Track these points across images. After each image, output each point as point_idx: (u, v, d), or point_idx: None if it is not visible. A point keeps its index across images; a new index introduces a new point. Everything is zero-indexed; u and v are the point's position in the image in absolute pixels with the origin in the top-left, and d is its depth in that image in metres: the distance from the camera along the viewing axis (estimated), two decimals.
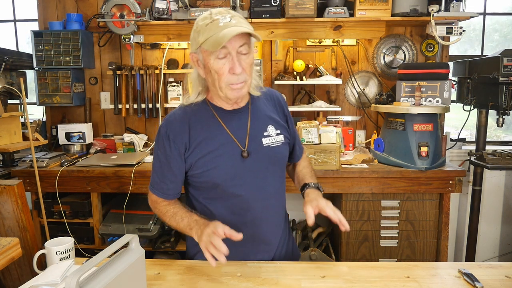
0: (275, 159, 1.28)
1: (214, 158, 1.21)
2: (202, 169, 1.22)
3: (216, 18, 1.11)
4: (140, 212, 2.55)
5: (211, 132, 1.22)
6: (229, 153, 1.22)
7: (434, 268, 1.24)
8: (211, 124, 1.23)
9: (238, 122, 1.25)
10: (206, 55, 1.14)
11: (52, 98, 2.82)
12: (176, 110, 1.27)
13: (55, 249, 1.19)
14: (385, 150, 2.49)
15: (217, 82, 1.15)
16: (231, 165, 1.22)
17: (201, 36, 1.12)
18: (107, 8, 2.61)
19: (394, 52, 2.85)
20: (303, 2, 2.45)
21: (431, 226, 2.40)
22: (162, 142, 1.23)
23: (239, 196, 1.24)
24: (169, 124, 1.23)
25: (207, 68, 1.16)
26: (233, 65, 1.12)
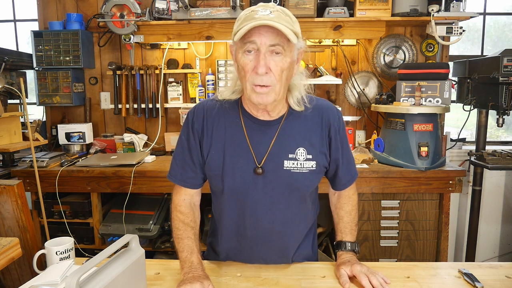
0: (294, 186, 1.14)
1: (226, 165, 1.14)
2: (212, 171, 1.16)
3: (256, 9, 1.02)
4: (140, 212, 2.56)
5: (231, 137, 1.14)
6: (243, 166, 1.13)
7: (434, 268, 1.24)
8: (234, 129, 1.14)
9: (263, 136, 1.13)
10: (237, 48, 1.06)
11: (52, 98, 2.82)
12: (208, 100, 1.20)
13: (55, 249, 1.18)
14: (385, 150, 2.49)
15: (244, 81, 1.05)
16: (241, 178, 1.13)
17: (236, 26, 1.04)
18: (107, 8, 2.61)
19: (394, 52, 2.85)
20: (303, 2, 2.45)
21: (431, 226, 2.40)
22: (187, 128, 1.18)
23: (243, 212, 1.16)
24: (196, 112, 1.18)
25: (236, 64, 1.07)
26: (257, 63, 1.00)
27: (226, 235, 1.23)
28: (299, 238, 1.26)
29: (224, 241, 1.25)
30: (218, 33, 2.63)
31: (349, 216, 1.27)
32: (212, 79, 2.87)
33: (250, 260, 1.25)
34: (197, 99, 2.89)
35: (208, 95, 2.89)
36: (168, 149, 2.94)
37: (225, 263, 1.27)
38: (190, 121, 1.18)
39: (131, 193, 2.44)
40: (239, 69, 1.07)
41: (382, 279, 1.09)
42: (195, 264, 1.10)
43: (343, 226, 1.25)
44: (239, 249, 1.24)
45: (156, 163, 2.59)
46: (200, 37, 2.65)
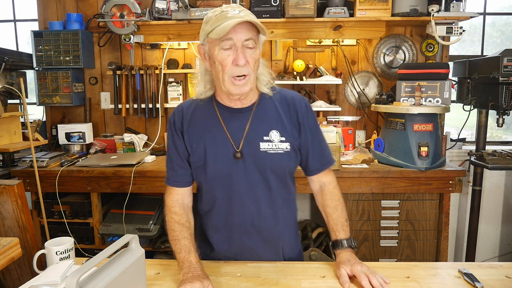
0: (272, 167, 1.21)
1: (207, 154, 1.21)
2: (196, 163, 1.24)
3: (225, 10, 1.12)
4: (140, 212, 2.56)
5: (209, 128, 1.23)
6: (222, 152, 1.20)
7: (434, 268, 1.24)
8: (210, 121, 1.23)
9: (238, 122, 1.22)
10: (212, 46, 1.13)
11: (52, 98, 2.82)
12: (185, 101, 1.31)
13: (55, 249, 1.18)
14: (385, 150, 2.49)
15: (221, 74, 1.13)
16: (222, 164, 1.20)
17: (208, 26, 1.12)
18: (107, 8, 2.61)
19: (394, 52, 2.85)
20: (303, 2, 2.45)
21: (431, 226, 2.40)
22: (170, 129, 1.27)
23: (229, 198, 1.22)
24: (176, 112, 1.28)
25: (212, 60, 1.15)
26: (237, 56, 1.10)
27: (214, 229, 1.28)
28: (285, 224, 1.30)
29: (213, 235, 1.29)
30: None
31: (336, 211, 1.29)
32: None
33: (241, 252, 1.28)
34: None
35: None
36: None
37: (225, 263, 1.27)
38: (171, 122, 1.28)
39: (131, 193, 2.44)
40: (215, 64, 1.14)
41: (382, 279, 1.10)
42: (194, 263, 1.11)
43: (334, 223, 1.27)
44: (228, 242, 1.28)
45: (156, 163, 2.59)
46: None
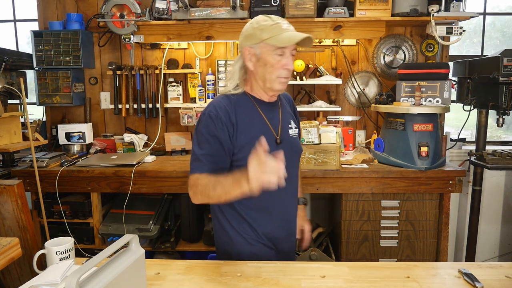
0: (297, 148, 1.47)
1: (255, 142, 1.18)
2: (244, 152, 1.28)
3: (278, 21, 1.29)
4: (140, 212, 2.56)
5: (252, 120, 1.35)
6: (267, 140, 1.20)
7: (434, 268, 1.24)
8: (252, 113, 1.36)
9: (273, 113, 1.41)
10: (266, 50, 1.29)
11: (52, 98, 2.82)
12: (218, 98, 1.36)
13: (55, 249, 1.19)
14: (385, 150, 2.49)
15: (269, 75, 1.31)
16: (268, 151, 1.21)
17: (265, 34, 1.27)
18: (107, 8, 2.61)
19: (394, 52, 2.85)
20: (303, 2, 2.45)
21: (431, 226, 2.40)
22: (212, 123, 1.29)
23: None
24: (217, 107, 1.31)
25: (262, 61, 1.30)
26: (288, 62, 1.30)
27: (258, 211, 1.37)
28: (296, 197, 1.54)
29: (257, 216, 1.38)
30: (218, 33, 2.63)
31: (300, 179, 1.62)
32: (212, 79, 2.87)
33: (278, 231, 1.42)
34: (197, 99, 2.89)
35: (208, 95, 2.89)
36: (168, 149, 2.95)
37: (225, 263, 1.27)
38: (216, 117, 1.29)
39: (131, 193, 2.45)
40: (264, 66, 1.30)
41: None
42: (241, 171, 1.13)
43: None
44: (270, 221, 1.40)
45: (156, 163, 2.59)
46: (200, 37, 2.65)
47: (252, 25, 1.31)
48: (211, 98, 2.89)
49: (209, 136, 1.29)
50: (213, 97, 2.89)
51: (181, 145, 2.95)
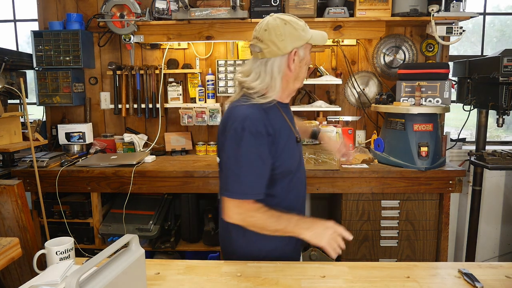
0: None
1: (288, 146, 1.32)
2: (282, 158, 1.30)
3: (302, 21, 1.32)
4: (140, 212, 2.56)
5: (280, 123, 1.32)
6: (292, 140, 1.36)
7: (434, 268, 1.24)
8: (280, 119, 1.34)
9: (289, 114, 1.42)
10: (307, 50, 1.33)
11: (52, 98, 2.82)
12: (248, 109, 1.26)
13: (55, 249, 1.19)
14: (385, 150, 2.49)
15: (303, 73, 1.35)
16: (295, 151, 1.37)
17: (307, 34, 1.30)
18: (107, 8, 2.61)
19: (394, 52, 2.85)
20: (303, 2, 2.45)
21: (431, 226, 2.40)
22: (255, 141, 1.22)
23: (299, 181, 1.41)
24: (258, 122, 1.23)
25: (304, 61, 1.33)
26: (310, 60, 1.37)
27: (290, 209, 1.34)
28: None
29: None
30: (218, 33, 2.63)
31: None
32: (212, 79, 2.87)
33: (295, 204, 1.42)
34: (197, 99, 2.89)
35: (208, 95, 2.89)
36: (168, 149, 2.95)
37: (225, 263, 1.27)
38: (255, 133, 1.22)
39: (131, 193, 2.45)
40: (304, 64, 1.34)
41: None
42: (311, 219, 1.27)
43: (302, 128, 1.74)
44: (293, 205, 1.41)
45: (156, 163, 2.59)
46: (200, 37, 2.65)
47: (294, 28, 1.27)
48: (211, 98, 2.89)
49: (250, 152, 1.22)
50: (212, 97, 2.89)
51: (181, 145, 2.95)
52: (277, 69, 1.28)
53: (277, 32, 1.26)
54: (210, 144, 2.90)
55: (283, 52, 1.27)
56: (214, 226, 2.58)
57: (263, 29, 1.28)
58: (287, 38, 1.26)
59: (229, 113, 1.28)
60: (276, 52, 1.26)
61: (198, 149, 2.90)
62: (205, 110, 2.87)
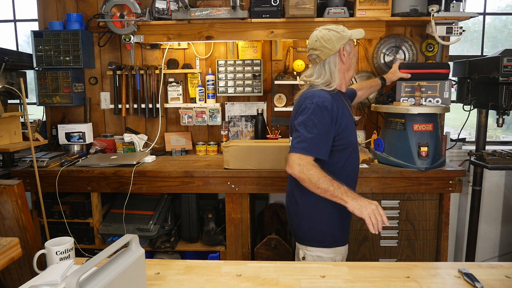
0: None
1: (348, 125, 1.63)
2: (344, 133, 1.60)
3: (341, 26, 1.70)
4: (140, 212, 2.56)
5: (342, 107, 1.64)
6: (352, 121, 1.69)
7: (434, 268, 1.24)
8: (341, 102, 1.65)
9: (347, 100, 1.78)
10: (351, 44, 1.70)
11: (52, 98, 2.82)
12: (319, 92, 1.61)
13: (55, 249, 1.19)
14: (385, 150, 2.49)
15: (355, 63, 1.73)
16: (354, 130, 1.70)
17: (346, 32, 1.66)
18: (107, 8, 2.61)
19: (394, 52, 2.85)
20: (303, 2, 2.45)
21: (431, 226, 2.40)
22: (321, 112, 1.54)
23: (356, 156, 1.70)
24: (323, 98, 1.57)
25: (352, 53, 1.70)
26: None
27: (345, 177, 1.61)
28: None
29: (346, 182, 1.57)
30: (218, 33, 2.63)
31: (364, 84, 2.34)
32: (212, 79, 2.87)
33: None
34: (197, 99, 2.90)
35: (208, 95, 2.89)
36: (168, 149, 2.95)
37: (225, 263, 1.27)
38: (329, 109, 1.55)
39: (131, 193, 2.45)
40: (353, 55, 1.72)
41: None
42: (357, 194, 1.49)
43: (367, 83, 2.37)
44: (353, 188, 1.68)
45: (156, 163, 2.59)
46: (200, 37, 2.65)
47: (337, 32, 1.64)
48: (211, 98, 2.89)
49: (318, 122, 1.52)
50: (212, 97, 2.89)
51: (181, 145, 2.95)
52: (333, 64, 1.65)
53: (325, 38, 1.62)
54: (210, 144, 2.90)
55: (334, 51, 1.63)
56: (214, 226, 2.58)
57: (314, 40, 1.65)
58: (333, 40, 1.63)
59: (302, 97, 1.63)
60: (329, 52, 1.63)
61: (198, 149, 2.90)
62: (205, 110, 2.87)
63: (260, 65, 2.80)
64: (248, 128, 2.96)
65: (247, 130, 2.97)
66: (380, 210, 1.43)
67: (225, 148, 2.37)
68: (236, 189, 2.38)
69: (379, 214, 1.42)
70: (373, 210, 1.42)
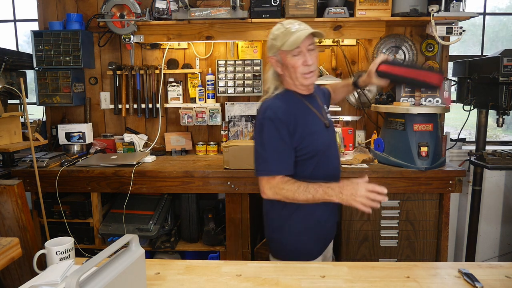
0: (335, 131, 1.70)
1: (312, 132, 1.50)
2: (306, 142, 1.47)
3: (288, 26, 1.46)
4: (140, 212, 2.56)
5: (304, 112, 1.52)
6: (319, 126, 1.54)
7: (434, 268, 1.24)
8: (301, 106, 1.53)
9: (315, 103, 1.59)
10: (284, 55, 1.47)
11: (52, 98, 2.82)
12: (271, 100, 1.51)
13: (55, 249, 1.19)
14: (385, 150, 2.49)
15: (294, 74, 1.48)
16: (322, 135, 1.53)
17: (279, 42, 1.46)
18: (107, 8, 2.61)
19: (394, 52, 2.85)
20: (303, 2, 2.45)
21: (431, 226, 2.40)
22: (274, 125, 1.43)
23: (328, 161, 1.55)
24: (274, 109, 1.46)
25: (285, 65, 1.49)
26: (306, 59, 1.45)
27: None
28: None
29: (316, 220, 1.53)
30: (218, 33, 2.63)
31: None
32: (212, 79, 2.87)
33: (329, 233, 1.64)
34: (197, 99, 2.90)
35: (208, 95, 2.89)
36: (168, 149, 2.95)
37: (225, 263, 1.27)
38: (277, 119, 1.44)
39: (131, 193, 2.45)
40: (288, 68, 1.48)
41: None
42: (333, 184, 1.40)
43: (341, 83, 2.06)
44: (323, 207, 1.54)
45: (156, 163, 2.59)
46: (200, 37, 2.65)
47: (270, 37, 1.51)
48: (211, 98, 2.89)
49: (274, 137, 1.43)
50: (212, 97, 2.89)
51: (181, 145, 2.95)
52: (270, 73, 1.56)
53: (270, 36, 1.52)
54: (210, 144, 2.90)
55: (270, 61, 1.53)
56: (214, 226, 2.58)
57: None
58: (267, 48, 1.54)
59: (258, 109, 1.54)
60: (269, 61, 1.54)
61: (198, 149, 2.90)
62: (205, 110, 2.87)
63: (260, 65, 2.80)
64: (248, 128, 2.96)
65: (247, 130, 2.97)
66: (369, 187, 1.32)
67: (225, 148, 2.37)
68: (236, 189, 2.38)
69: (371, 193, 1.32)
70: (361, 195, 1.32)
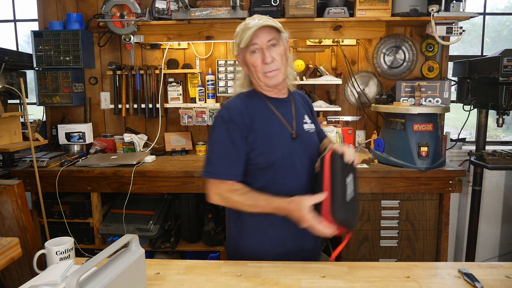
0: (313, 143, 1.45)
1: (271, 138, 1.34)
2: (260, 149, 1.33)
3: (247, 22, 1.35)
4: (140, 212, 2.56)
5: (265, 116, 1.37)
6: (282, 134, 1.37)
7: (434, 268, 1.24)
8: (264, 109, 1.38)
9: (285, 109, 1.42)
10: (244, 53, 1.37)
11: (52, 98, 2.82)
12: (233, 99, 1.40)
13: (55, 249, 1.18)
14: (385, 150, 2.49)
15: (255, 74, 1.36)
16: (284, 145, 1.35)
17: (237, 40, 1.37)
18: (107, 8, 2.61)
19: (394, 52, 2.85)
20: (303, 2, 2.45)
21: (431, 226, 2.40)
22: (225, 126, 1.31)
23: (290, 177, 1.35)
24: (230, 109, 1.34)
25: (247, 64, 1.38)
26: (264, 57, 1.32)
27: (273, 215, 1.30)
28: None
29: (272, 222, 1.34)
30: (218, 33, 2.63)
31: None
32: (212, 79, 2.87)
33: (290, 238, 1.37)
34: (197, 99, 2.90)
35: (208, 95, 2.89)
36: (168, 149, 2.95)
37: (225, 263, 1.27)
38: (227, 118, 1.32)
39: (131, 193, 2.45)
40: (249, 67, 1.37)
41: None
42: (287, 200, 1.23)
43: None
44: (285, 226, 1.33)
45: (156, 163, 2.59)
46: (200, 37, 2.65)
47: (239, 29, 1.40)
48: (211, 98, 2.89)
49: (223, 138, 1.31)
50: (212, 97, 2.89)
51: (181, 145, 2.95)
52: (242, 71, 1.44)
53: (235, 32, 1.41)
54: None
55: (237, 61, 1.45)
56: (214, 226, 2.58)
57: None
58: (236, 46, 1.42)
59: None
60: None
61: (198, 149, 2.90)
62: (205, 110, 2.87)
63: None
64: None
65: None
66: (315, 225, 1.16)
67: None
68: None
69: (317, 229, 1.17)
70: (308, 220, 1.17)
